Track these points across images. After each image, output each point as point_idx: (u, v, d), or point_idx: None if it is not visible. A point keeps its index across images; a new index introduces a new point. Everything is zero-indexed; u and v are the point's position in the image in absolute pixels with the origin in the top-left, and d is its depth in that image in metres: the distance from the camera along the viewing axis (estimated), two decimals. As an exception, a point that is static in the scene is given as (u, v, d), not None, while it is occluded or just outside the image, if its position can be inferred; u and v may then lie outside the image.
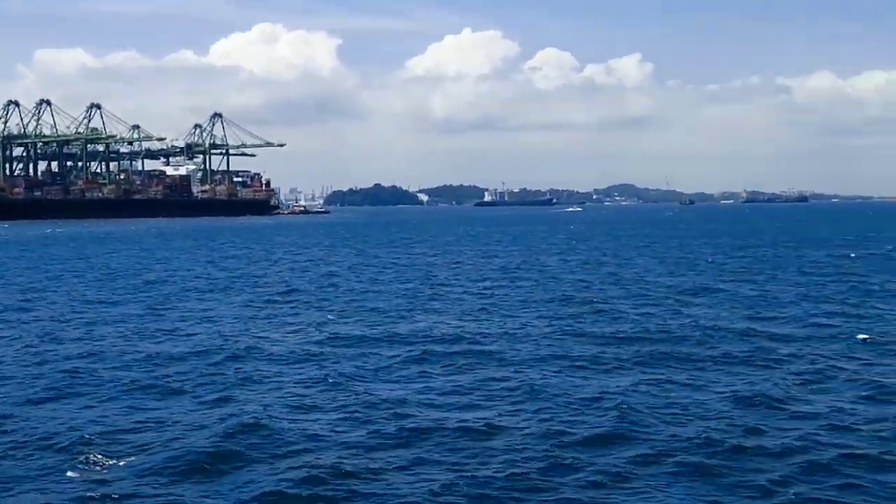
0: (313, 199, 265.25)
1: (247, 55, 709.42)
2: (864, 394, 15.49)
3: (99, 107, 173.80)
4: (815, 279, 36.00)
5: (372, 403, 14.87)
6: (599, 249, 61.20)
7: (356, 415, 14.22)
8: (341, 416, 14.20)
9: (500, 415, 14.19)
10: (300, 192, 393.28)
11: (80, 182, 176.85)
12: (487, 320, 25.04)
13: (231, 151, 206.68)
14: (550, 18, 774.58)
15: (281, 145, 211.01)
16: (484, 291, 33.12)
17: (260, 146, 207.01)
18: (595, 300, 29.33)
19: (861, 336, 21.14)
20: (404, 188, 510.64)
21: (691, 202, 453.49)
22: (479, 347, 20.41)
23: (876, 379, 16.50)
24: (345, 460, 11.83)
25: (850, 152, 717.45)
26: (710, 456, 11.90)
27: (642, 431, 13.10)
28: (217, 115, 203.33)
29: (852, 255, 50.54)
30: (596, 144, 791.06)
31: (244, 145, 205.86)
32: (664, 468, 11.53)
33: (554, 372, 17.47)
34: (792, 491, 10.69)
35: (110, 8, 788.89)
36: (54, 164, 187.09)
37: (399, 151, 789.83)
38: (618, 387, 15.98)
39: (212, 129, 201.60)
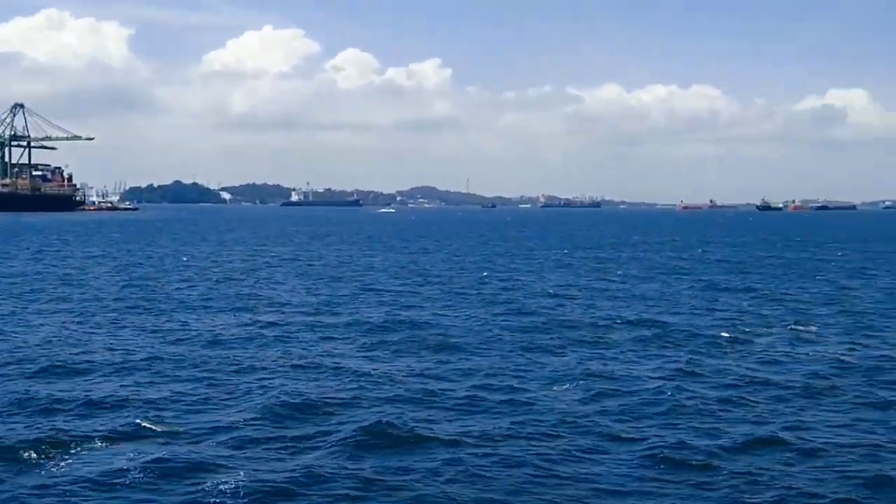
0: (106, 195, 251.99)
1: (30, 42, 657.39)
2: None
3: None
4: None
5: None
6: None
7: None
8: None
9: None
10: (91, 188, 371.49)
11: None
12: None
13: (33, 144, 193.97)
14: (352, 20, 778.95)
15: (90, 139, 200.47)
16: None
17: (66, 139, 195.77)
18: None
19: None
20: (206, 185, 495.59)
21: (493, 206, 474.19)
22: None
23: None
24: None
25: (634, 161, 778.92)
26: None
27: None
28: (18, 106, 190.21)
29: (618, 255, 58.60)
30: (398, 146, 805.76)
31: (48, 138, 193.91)
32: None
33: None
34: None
35: None
36: None
37: (199, 148, 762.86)
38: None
39: (12, 121, 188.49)
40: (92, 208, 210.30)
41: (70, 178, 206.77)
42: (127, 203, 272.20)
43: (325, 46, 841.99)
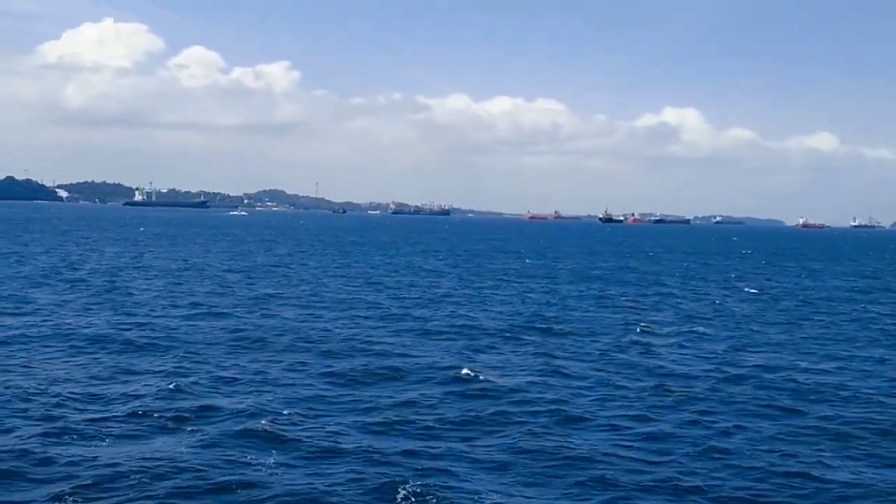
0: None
1: None
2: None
3: None
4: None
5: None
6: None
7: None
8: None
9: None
10: None
11: None
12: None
13: None
14: (199, 18, 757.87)
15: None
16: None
17: None
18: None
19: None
20: (40, 182, 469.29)
21: (344, 211, 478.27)
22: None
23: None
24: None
25: (482, 170, 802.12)
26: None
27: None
28: None
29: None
30: (245, 148, 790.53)
31: None
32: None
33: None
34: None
35: None
36: None
37: (31, 143, 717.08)
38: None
39: None
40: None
41: None
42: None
43: (170, 43, 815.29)
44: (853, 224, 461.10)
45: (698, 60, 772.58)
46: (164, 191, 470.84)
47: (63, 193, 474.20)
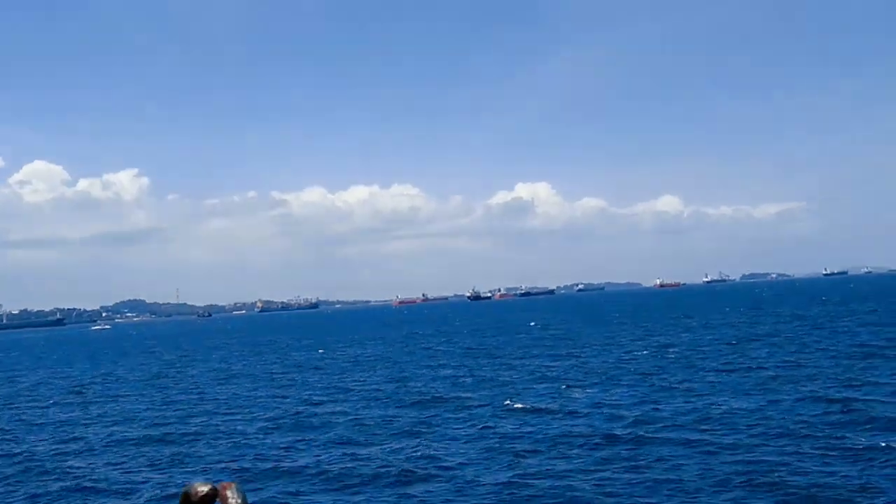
0: None
1: None
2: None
3: None
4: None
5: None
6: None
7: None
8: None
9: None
10: None
11: None
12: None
13: None
14: (39, 131, 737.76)
15: None
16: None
17: None
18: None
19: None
20: None
21: (209, 314, 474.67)
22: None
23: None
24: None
25: (345, 260, 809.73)
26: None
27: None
28: None
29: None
30: (98, 260, 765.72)
31: None
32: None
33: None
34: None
35: None
36: None
37: None
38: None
39: None
40: None
41: None
42: None
43: (10, 159, 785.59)
44: (706, 280, 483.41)
45: (543, 138, 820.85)
46: (16, 311, 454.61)
47: None
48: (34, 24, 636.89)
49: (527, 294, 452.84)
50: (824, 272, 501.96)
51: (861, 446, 21.24)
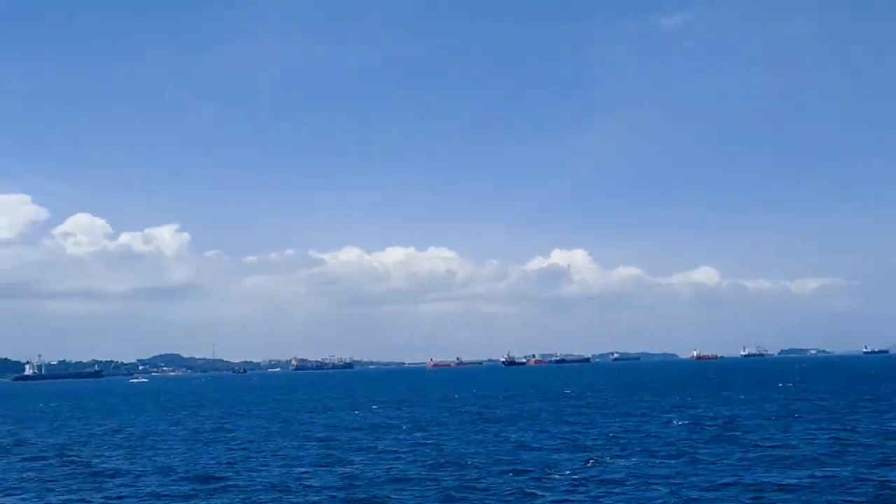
0: None
1: None
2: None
3: None
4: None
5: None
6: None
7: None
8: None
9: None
10: None
11: None
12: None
13: None
14: (83, 186, 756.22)
15: None
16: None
17: None
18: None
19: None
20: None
21: (244, 371, 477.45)
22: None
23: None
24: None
25: (380, 321, 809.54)
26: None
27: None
28: None
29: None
30: (137, 313, 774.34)
31: None
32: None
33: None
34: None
35: None
36: None
37: None
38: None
39: None
40: None
41: None
42: None
43: (54, 212, 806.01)
44: (743, 353, 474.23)
45: (579, 207, 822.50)
46: (55, 363, 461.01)
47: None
48: (80, 81, 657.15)
49: (562, 361, 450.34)
50: (864, 350, 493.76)
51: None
